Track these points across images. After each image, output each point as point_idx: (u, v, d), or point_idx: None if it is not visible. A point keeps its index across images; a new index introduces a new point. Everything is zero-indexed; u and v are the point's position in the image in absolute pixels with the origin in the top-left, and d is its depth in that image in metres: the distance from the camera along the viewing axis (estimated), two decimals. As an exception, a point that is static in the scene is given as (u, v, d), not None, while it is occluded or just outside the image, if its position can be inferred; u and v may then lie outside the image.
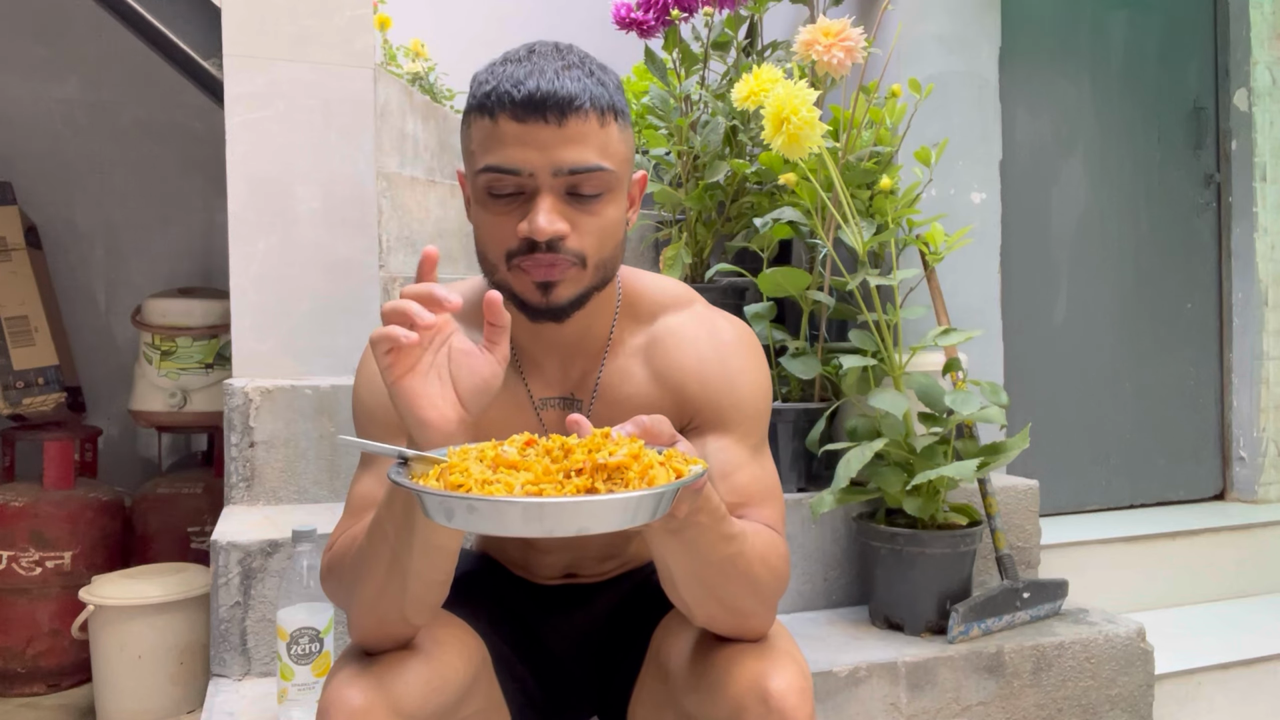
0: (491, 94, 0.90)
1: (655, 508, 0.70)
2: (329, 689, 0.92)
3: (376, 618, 0.92)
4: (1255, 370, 2.56)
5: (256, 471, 1.66)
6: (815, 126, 1.47)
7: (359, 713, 0.89)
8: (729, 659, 0.96)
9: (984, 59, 2.22)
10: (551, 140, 0.88)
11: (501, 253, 0.93)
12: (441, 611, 1.06)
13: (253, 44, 1.80)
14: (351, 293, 1.85)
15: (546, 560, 1.20)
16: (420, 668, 0.95)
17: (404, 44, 3.11)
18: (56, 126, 2.86)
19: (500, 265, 0.93)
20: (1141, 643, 1.66)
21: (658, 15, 2.01)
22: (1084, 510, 2.45)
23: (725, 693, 0.94)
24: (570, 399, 1.04)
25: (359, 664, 0.94)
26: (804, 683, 0.94)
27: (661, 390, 1.03)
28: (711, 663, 0.97)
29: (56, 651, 2.20)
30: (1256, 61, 2.57)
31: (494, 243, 0.93)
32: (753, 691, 0.92)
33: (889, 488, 1.59)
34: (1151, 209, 2.54)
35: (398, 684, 0.92)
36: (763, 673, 0.93)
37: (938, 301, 1.85)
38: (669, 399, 1.03)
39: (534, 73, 0.89)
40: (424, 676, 0.95)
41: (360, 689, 0.90)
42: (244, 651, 1.44)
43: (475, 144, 0.92)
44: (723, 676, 0.95)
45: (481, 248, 0.95)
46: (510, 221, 0.91)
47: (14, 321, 2.45)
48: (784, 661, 0.95)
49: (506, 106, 0.88)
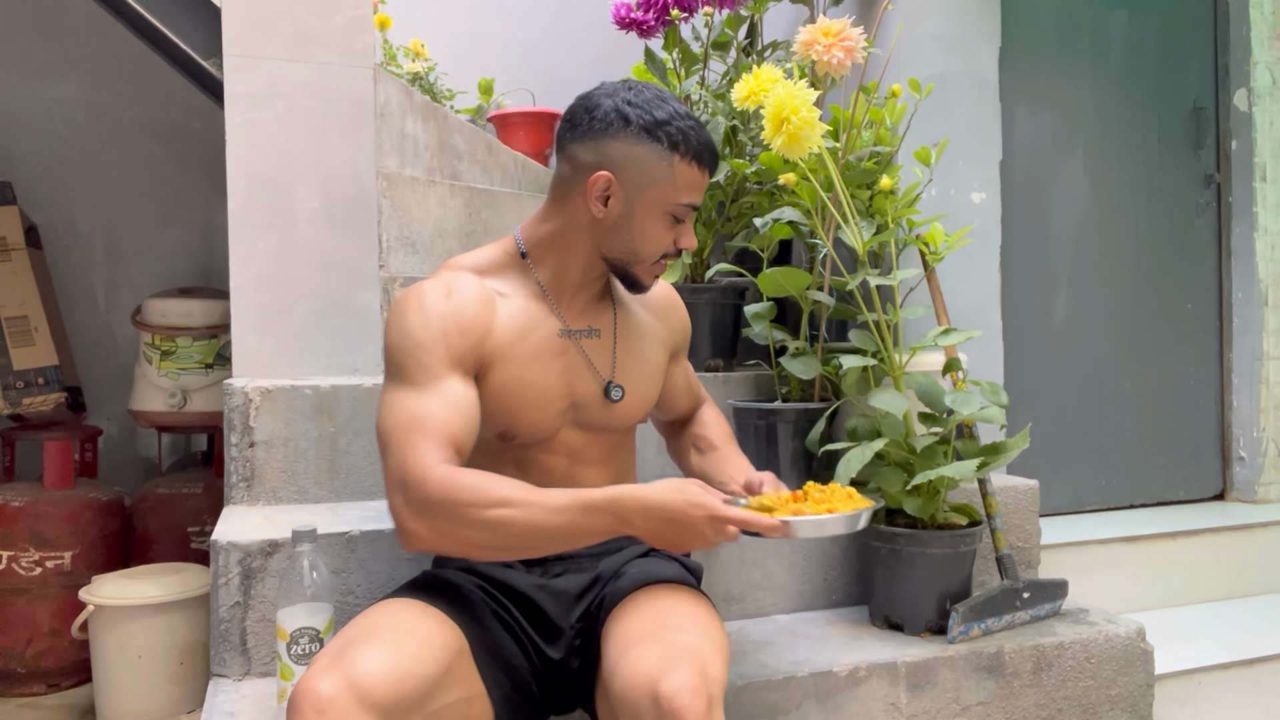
0: (701, 151, 1.24)
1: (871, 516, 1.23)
2: (300, 680, 0.97)
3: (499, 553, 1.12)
4: (1255, 370, 2.56)
5: (256, 471, 1.66)
6: (815, 126, 1.47)
7: (325, 700, 0.94)
8: (629, 663, 1.03)
9: (984, 59, 2.22)
10: (705, 186, 1.28)
11: (659, 254, 1.27)
12: (415, 603, 1.14)
13: (253, 44, 1.80)
14: (351, 293, 1.85)
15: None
16: (387, 659, 1.00)
17: (404, 44, 3.11)
18: (56, 126, 2.86)
19: (650, 261, 1.27)
20: (1141, 643, 1.66)
21: (658, 15, 2.01)
22: (1084, 510, 2.45)
23: (627, 696, 1.01)
24: (590, 330, 1.31)
25: (329, 659, 1.00)
26: (699, 679, 0.99)
27: (659, 323, 1.40)
28: (618, 667, 1.05)
29: (56, 651, 2.20)
30: (1256, 61, 2.57)
31: (659, 247, 1.26)
32: (646, 694, 0.99)
33: (889, 488, 1.59)
34: (1151, 209, 2.54)
35: (364, 675, 0.97)
36: (656, 673, 0.99)
37: (938, 301, 1.85)
38: (664, 330, 1.41)
39: (705, 132, 1.25)
40: (390, 666, 0.99)
41: (328, 679, 0.96)
42: (244, 651, 1.44)
43: (681, 182, 1.23)
44: (622, 680, 1.03)
45: (639, 246, 1.25)
46: (673, 235, 1.27)
47: (14, 321, 2.45)
48: (680, 661, 1.01)
49: (705, 163, 1.25)
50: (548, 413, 1.25)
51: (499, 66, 3.44)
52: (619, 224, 1.24)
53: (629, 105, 1.22)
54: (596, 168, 1.22)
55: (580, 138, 1.24)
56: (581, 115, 1.25)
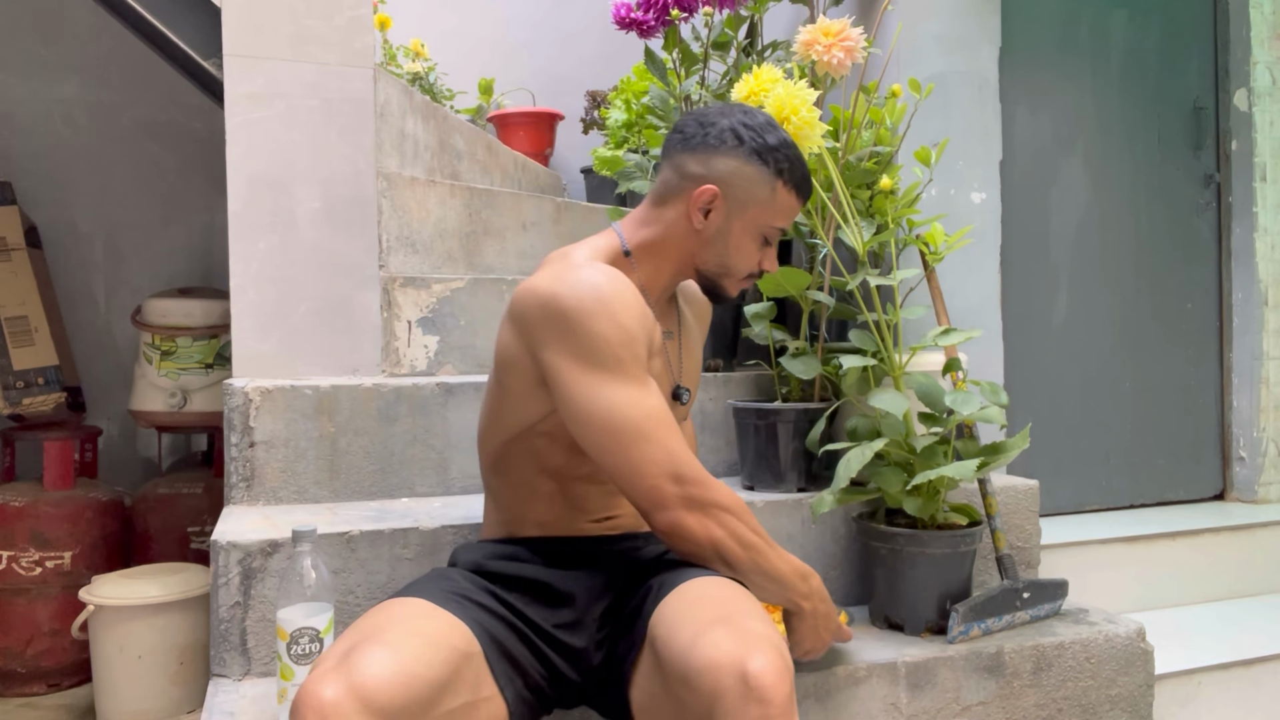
0: (802, 182, 1.33)
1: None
2: (303, 685, 0.97)
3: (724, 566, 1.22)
4: (1255, 370, 2.56)
5: (256, 471, 1.67)
6: (815, 126, 1.47)
7: (328, 705, 0.93)
8: (710, 644, 1.03)
9: (984, 59, 2.22)
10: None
11: (746, 271, 1.35)
12: (422, 603, 1.13)
13: (253, 44, 1.80)
14: (351, 293, 1.85)
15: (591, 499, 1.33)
16: (391, 663, 0.99)
17: (404, 44, 3.11)
18: (56, 126, 2.86)
19: (738, 277, 1.35)
20: (1141, 643, 1.66)
21: (658, 15, 2.01)
22: (1084, 510, 2.45)
23: (706, 677, 1.01)
24: (667, 332, 1.40)
25: (333, 661, 0.99)
26: (782, 664, 1.01)
27: (699, 324, 1.50)
28: (694, 647, 1.04)
29: (56, 651, 2.20)
30: (1256, 61, 2.57)
31: (748, 264, 1.35)
32: (732, 673, 0.99)
33: (889, 488, 1.59)
34: (1151, 209, 2.54)
35: (368, 679, 0.96)
36: (741, 655, 1.00)
37: (938, 301, 1.85)
38: (702, 330, 1.51)
39: (808, 169, 1.34)
40: (394, 670, 0.98)
41: (331, 684, 0.95)
42: (244, 651, 1.45)
43: (780, 206, 1.31)
44: (703, 661, 1.02)
45: (732, 261, 1.33)
46: (760, 255, 1.35)
47: (14, 321, 2.45)
48: (762, 644, 1.02)
49: (804, 193, 1.33)
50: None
51: (499, 66, 3.45)
52: (716, 237, 1.31)
53: (744, 127, 1.29)
54: (703, 180, 1.29)
55: (692, 149, 1.30)
56: (695, 129, 1.31)
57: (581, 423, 1.18)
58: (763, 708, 0.97)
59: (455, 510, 1.63)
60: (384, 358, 1.88)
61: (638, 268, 1.33)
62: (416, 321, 1.92)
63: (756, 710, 0.97)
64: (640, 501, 1.18)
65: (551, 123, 3.37)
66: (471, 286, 1.96)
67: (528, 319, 1.22)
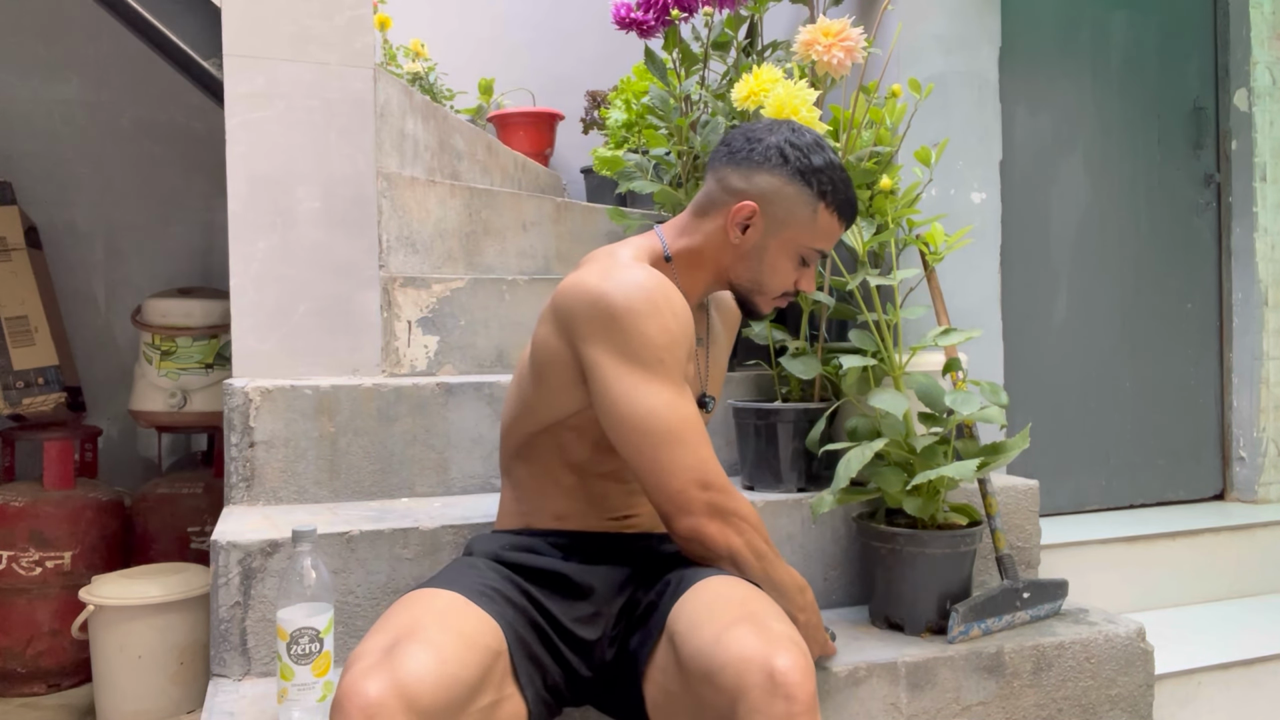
0: (845, 205, 1.31)
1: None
2: (345, 679, 0.97)
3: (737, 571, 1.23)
4: (1255, 370, 2.56)
5: (256, 471, 1.67)
6: (815, 126, 1.47)
7: (374, 704, 0.94)
8: (736, 640, 1.03)
9: (984, 59, 2.22)
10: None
11: (780, 290, 1.35)
12: (458, 599, 1.14)
13: (253, 44, 1.80)
14: (351, 293, 1.85)
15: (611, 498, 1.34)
16: (434, 663, 0.99)
17: (404, 44, 3.11)
18: (56, 126, 2.86)
19: (771, 294, 1.35)
20: (1141, 643, 1.66)
21: (658, 15, 2.01)
22: (1084, 510, 2.45)
23: (730, 673, 1.01)
24: (700, 339, 1.42)
25: (375, 657, 0.99)
26: (806, 664, 1.02)
27: (726, 332, 1.50)
28: (719, 643, 1.04)
29: (56, 651, 2.20)
30: (1256, 61, 2.57)
31: (782, 284, 1.34)
32: (759, 669, 1.00)
33: (889, 488, 1.59)
34: (1151, 209, 2.54)
35: (412, 679, 0.97)
36: (766, 653, 1.01)
37: (938, 301, 1.85)
38: (727, 340, 1.51)
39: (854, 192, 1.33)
40: (438, 672, 0.99)
41: (376, 681, 0.95)
42: (244, 651, 1.45)
43: (820, 228, 1.30)
44: (728, 658, 1.02)
45: (766, 279, 1.33)
46: (796, 275, 1.34)
47: (14, 321, 2.45)
48: (787, 644, 1.03)
49: (845, 216, 1.32)
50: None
51: (499, 66, 3.45)
52: (752, 254, 1.32)
53: (790, 146, 1.29)
54: (744, 196, 1.30)
55: (737, 164, 1.31)
56: (741, 143, 1.32)
57: (617, 420, 1.19)
58: (788, 704, 0.98)
59: (455, 510, 1.63)
60: (384, 358, 1.88)
61: (677, 274, 1.34)
62: (416, 321, 1.92)
63: (782, 707, 0.98)
64: (665, 504, 1.19)
65: (551, 123, 3.37)
66: (471, 286, 1.96)
67: (574, 314, 1.22)
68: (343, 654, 1.47)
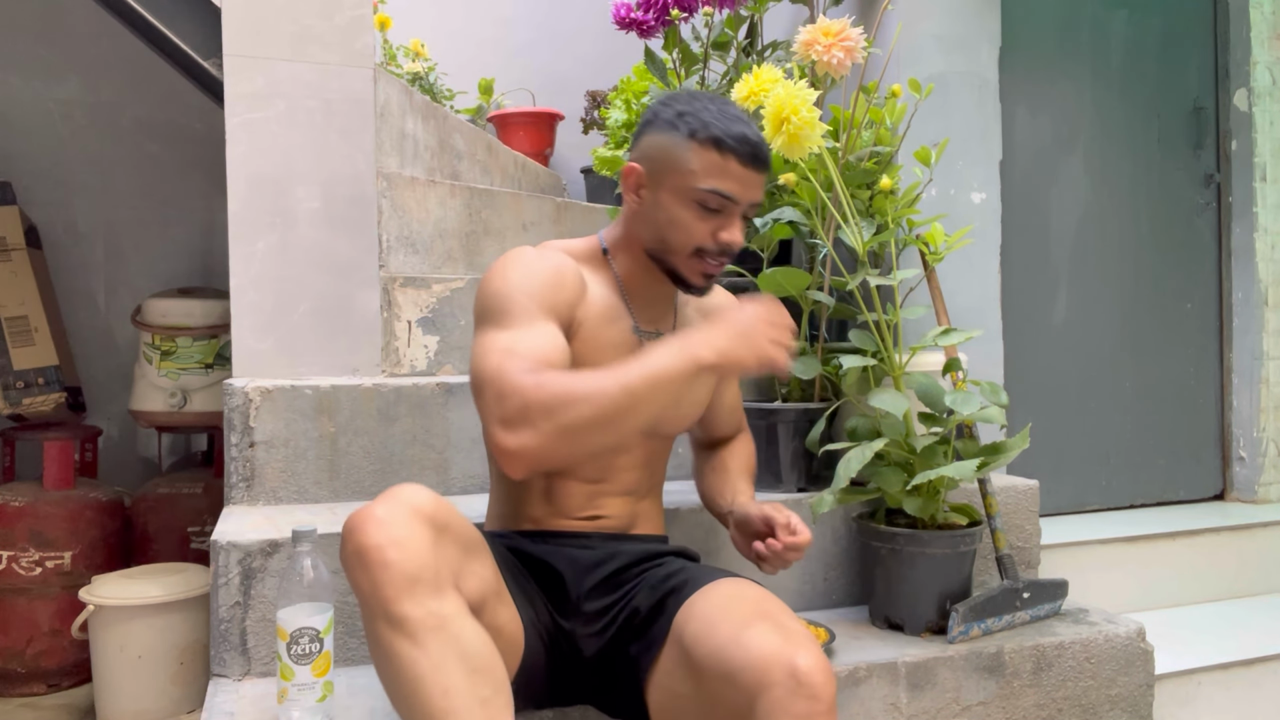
0: (722, 137, 1.23)
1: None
2: (352, 516, 1.04)
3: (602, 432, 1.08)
4: (1255, 370, 2.56)
5: (256, 471, 1.67)
6: (815, 126, 1.47)
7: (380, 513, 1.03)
8: (756, 639, 1.04)
9: (984, 59, 2.22)
10: (755, 184, 1.26)
11: (691, 247, 1.26)
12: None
13: (253, 44, 1.80)
14: (351, 293, 1.85)
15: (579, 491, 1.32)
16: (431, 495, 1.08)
17: (404, 44, 3.11)
18: (56, 126, 2.86)
19: (682, 253, 1.27)
20: (1141, 643, 1.66)
21: (658, 15, 2.01)
22: (1084, 510, 2.44)
23: (753, 668, 1.01)
24: (657, 333, 1.36)
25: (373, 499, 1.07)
26: (827, 664, 1.03)
27: None
28: (737, 643, 1.05)
29: (56, 651, 2.20)
30: (1256, 61, 2.57)
31: (688, 237, 1.26)
32: (781, 667, 1.00)
33: (889, 488, 1.59)
34: (1151, 209, 2.54)
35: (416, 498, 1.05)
36: (790, 652, 1.01)
37: (938, 301, 1.85)
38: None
39: (752, 132, 1.25)
40: (436, 500, 1.07)
41: (382, 505, 1.04)
42: (244, 651, 1.45)
43: (698, 166, 1.23)
44: (750, 654, 1.03)
45: (667, 235, 1.27)
46: (706, 228, 1.26)
47: (14, 321, 2.45)
48: (807, 643, 1.04)
49: (740, 154, 1.23)
50: None
51: (499, 66, 3.45)
52: (649, 212, 1.29)
53: (662, 105, 1.30)
54: (631, 163, 1.31)
55: (633, 140, 1.34)
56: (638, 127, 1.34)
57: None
58: (811, 704, 0.99)
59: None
60: (384, 358, 1.88)
61: (614, 264, 1.35)
62: (416, 321, 1.92)
63: (805, 706, 0.99)
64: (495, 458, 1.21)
65: (551, 123, 3.37)
66: (471, 286, 1.96)
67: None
68: (343, 654, 1.47)
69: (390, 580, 0.98)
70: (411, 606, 0.98)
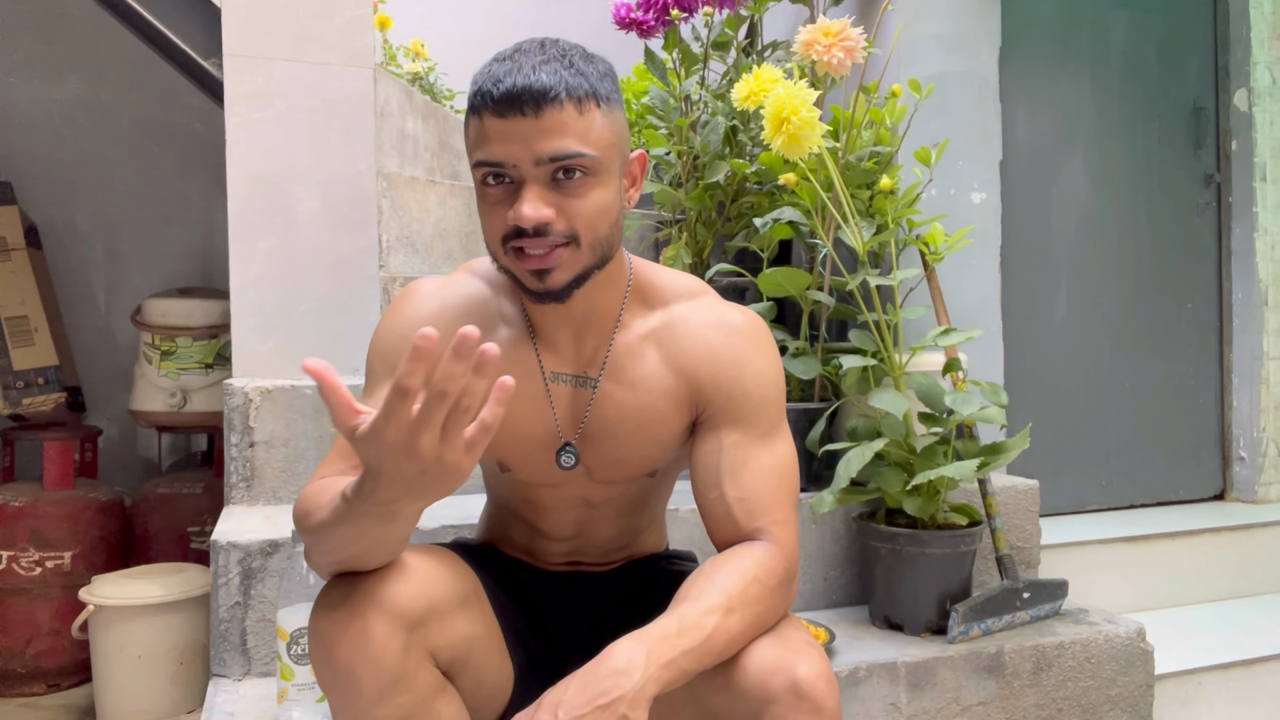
0: (477, 94, 0.96)
1: None
2: (320, 618, 0.93)
3: (345, 557, 0.92)
4: (1255, 370, 2.56)
5: (256, 471, 1.67)
6: (815, 126, 1.47)
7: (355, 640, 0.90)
8: (756, 651, 0.98)
9: (984, 59, 2.22)
10: (530, 133, 0.94)
11: (497, 239, 0.99)
12: (427, 545, 1.07)
13: (253, 44, 1.80)
14: (351, 293, 1.85)
15: (552, 547, 1.20)
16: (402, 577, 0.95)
17: (404, 44, 3.11)
18: (56, 126, 2.86)
19: (499, 251, 1.00)
20: (1141, 643, 1.66)
21: (658, 15, 2.01)
22: (1084, 510, 2.45)
23: (752, 683, 0.97)
24: (582, 376, 1.08)
25: (340, 579, 0.95)
26: (830, 673, 0.98)
27: (675, 376, 1.08)
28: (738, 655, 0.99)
29: (56, 651, 2.20)
30: (1256, 61, 2.57)
31: (490, 230, 0.99)
32: (782, 680, 0.95)
33: (889, 488, 1.59)
34: (1151, 209, 2.54)
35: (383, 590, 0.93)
36: (790, 662, 0.96)
37: (938, 301, 1.85)
38: (682, 385, 1.08)
39: (513, 70, 0.95)
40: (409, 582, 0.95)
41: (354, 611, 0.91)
42: (244, 651, 1.45)
43: (470, 141, 0.99)
44: (748, 668, 0.98)
45: (484, 229, 1.01)
46: (503, 210, 0.97)
47: (14, 321, 2.45)
48: (808, 651, 0.98)
49: (489, 104, 0.95)
50: (537, 457, 1.10)
51: (499, 66, 3.44)
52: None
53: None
54: None
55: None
56: None
57: None
58: (815, 716, 0.95)
59: (455, 510, 1.63)
60: (384, 358, 1.88)
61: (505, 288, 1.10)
62: (416, 321, 1.92)
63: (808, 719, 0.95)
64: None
65: (551, 123, 3.36)
66: (471, 286, 1.96)
67: None
68: (343, 654, 1.46)
69: (362, 694, 0.93)
70: (384, 712, 0.94)
